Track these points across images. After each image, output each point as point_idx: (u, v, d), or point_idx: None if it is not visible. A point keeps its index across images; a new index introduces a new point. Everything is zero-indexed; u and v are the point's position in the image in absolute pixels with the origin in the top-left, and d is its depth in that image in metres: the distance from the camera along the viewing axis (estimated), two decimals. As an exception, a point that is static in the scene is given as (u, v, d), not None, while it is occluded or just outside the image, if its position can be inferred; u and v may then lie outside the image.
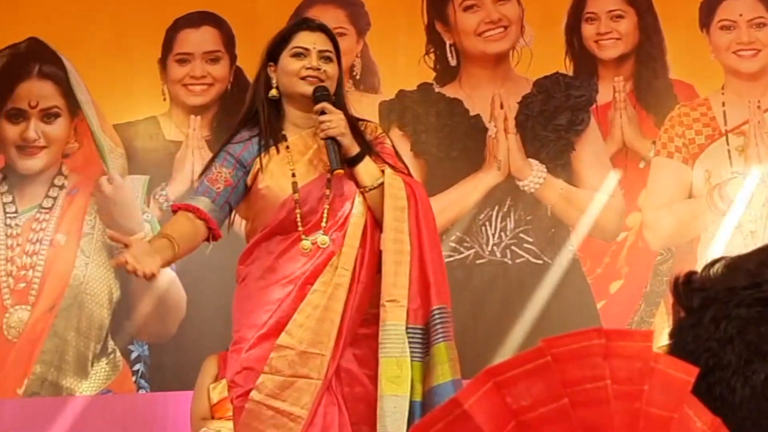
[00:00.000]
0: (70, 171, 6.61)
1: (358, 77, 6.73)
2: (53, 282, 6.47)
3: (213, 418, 5.23)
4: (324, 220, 3.32)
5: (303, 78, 3.39)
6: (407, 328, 3.23)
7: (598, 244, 6.46)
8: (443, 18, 6.75)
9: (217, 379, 5.29)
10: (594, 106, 6.60)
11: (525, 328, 6.28)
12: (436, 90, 6.69)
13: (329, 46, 3.46)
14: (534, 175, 6.53)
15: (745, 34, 6.58)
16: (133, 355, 6.46)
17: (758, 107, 6.53)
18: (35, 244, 6.49)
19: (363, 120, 3.53)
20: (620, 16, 6.69)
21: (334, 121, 3.30)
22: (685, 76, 6.62)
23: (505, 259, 6.47)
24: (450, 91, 6.68)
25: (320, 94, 3.35)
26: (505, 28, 6.70)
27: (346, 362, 3.29)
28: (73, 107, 6.64)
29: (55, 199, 6.55)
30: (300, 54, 3.42)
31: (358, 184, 3.34)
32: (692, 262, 6.36)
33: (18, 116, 6.61)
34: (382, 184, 3.32)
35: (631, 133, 6.58)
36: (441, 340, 3.24)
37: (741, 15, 6.60)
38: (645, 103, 6.62)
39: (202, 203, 3.40)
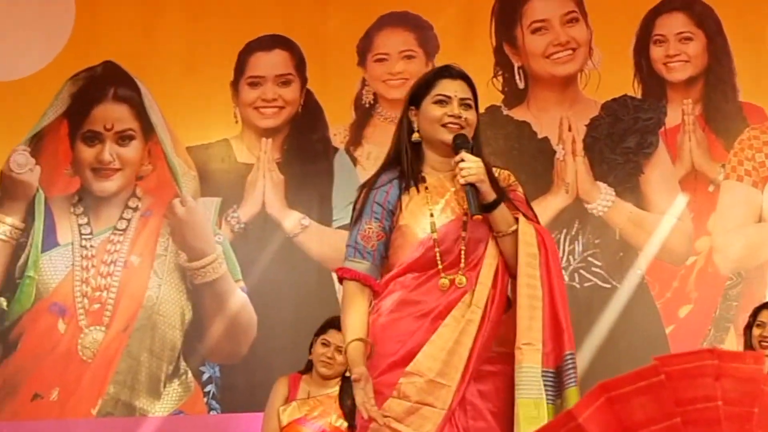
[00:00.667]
0: (143, 193, 6.70)
1: (427, 100, 6.75)
2: (127, 303, 6.56)
3: (283, 439, 5.26)
4: (462, 260, 3.45)
5: (444, 125, 3.50)
6: (542, 371, 3.36)
7: (667, 268, 6.44)
8: (511, 40, 6.77)
9: (287, 400, 5.31)
10: (663, 128, 6.59)
11: (593, 353, 6.27)
12: (504, 113, 6.71)
13: (469, 94, 3.56)
14: (602, 198, 6.53)
15: (816, 55, 6.55)
16: (205, 377, 6.52)
17: (829, 130, 6.50)
18: (110, 265, 6.59)
19: (496, 167, 3.63)
20: (689, 38, 6.68)
21: (474, 168, 3.41)
22: (755, 98, 6.59)
23: (574, 283, 6.47)
24: (518, 113, 6.70)
25: (461, 142, 3.47)
26: (574, 50, 6.71)
27: (471, 396, 3.40)
28: (147, 130, 6.74)
29: (129, 221, 6.65)
30: (442, 101, 3.53)
31: (492, 229, 3.48)
32: (762, 287, 6.33)
33: (93, 139, 6.72)
34: (515, 230, 3.47)
35: (701, 156, 6.56)
36: (573, 384, 3.37)
37: (811, 37, 6.56)
38: (714, 126, 6.60)
39: (365, 268, 3.53)
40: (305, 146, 6.75)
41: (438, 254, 3.45)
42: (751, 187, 6.49)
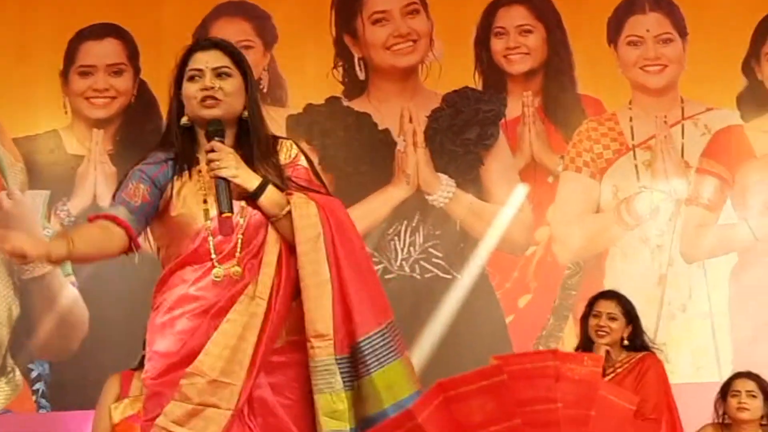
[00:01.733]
0: (-33, 186, 6.49)
1: (265, 91, 6.66)
2: (-51, 299, 6.35)
3: (115, 437, 5.13)
4: (238, 249, 3.19)
5: (201, 101, 3.22)
6: (336, 359, 3.14)
7: (507, 259, 6.45)
8: (352, 31, 6.71)
9: (119, 398, 5.18)
10: (503, 120, 6.60)
11: (434, 343, 6.24)
12: (345, 104, 6.64)
13: (225, 62, 3.25)
14: (443, 190, 6.50)
15: (652, 49, 6.62)
16: (34, 374, 6.33)
17: (665, 122, 6.58)
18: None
19: (280, 138, 3.36)
20: (529, 31, 6.70)
21: (224, 161, 3.15)
22: (593, 91, 6.65)
23: (414, 274, 6.44)
24: (358, 104, 6.64)
25: (212, 129, 3.20)
26: (415, 41, 6.68)
27: (260, 391, 3.18)
28: (-29, 122, 6.52)
29: (-49, 214, 6.41)
30: (194, 76, 3.24)
31: (266, 214, 3.22)
32: (600, 276, 6.39)
33: None
34: (290, 212, 3.19)
35: (540, 147, 6.59)
36: (373, 371, 3.13)
37: (648, 30, 6.64)
38: (553, 118, 6.64)
39: (121, 212, 3.26)
40: (138, 138, 6.56)
41: (211, 245, 3.19)
42: (589, 178, 6.54)
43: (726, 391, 5.32)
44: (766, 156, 6.51)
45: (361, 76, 6.69)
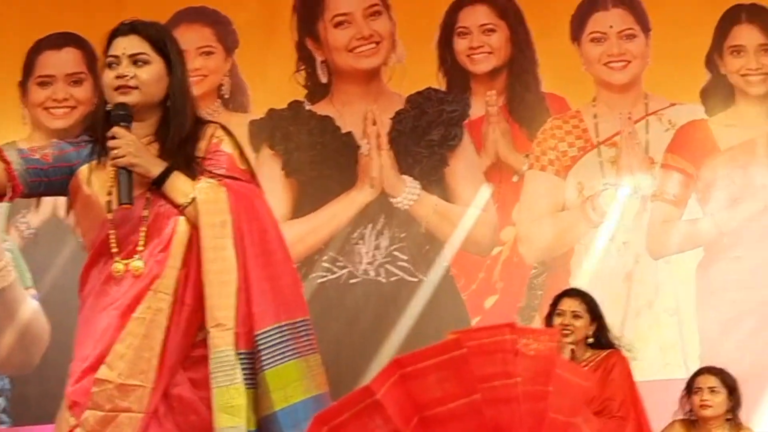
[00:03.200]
0: (-73, 200, 6.40)
1: (227, 96, 6.62)
2: None
3: (78, 450, 5.08)
4: (140, 243, 3.07)
5: (117, 89, 3.10)
6: (238, 353, 3.01)
7: (473, 260, 6.42)
8: (313, 34, 6.67)
9: (81, 410, 5.13)
10: (467, 120, 6.58)
11: (400, 346, 6.20)
12: (307, 108, 6.61)
13: (143, 48, 3.14)
14: (408, 192, 6.47)
15: (616, 45, 6.61)
16: (-6, 390, 6.31)
17: (629, 118, 6.56)
18: None
19: (209, 122, 3.22)
20: (492, 30, 6.68)
21: (123, 148, 3.03)
22: (557, 89, 6.63)
23: (379, 278, 6.40)
24: (321, 108, 6.61)
25: (115, 116, 3.08)
26: (377, 43, 6.65)
27: (179, 388, 3.06)
28: (-72, 133, 6.44)
29: None
30: (112, 63, 3.13)
31: (173, 204, 3.09)
32: (566, 275, 6.37)
33: None
34: (194, 199, 3.06)
35: (505, 147, 6.56)
36: (269, 367, 3.00)
37: (611, 27, 6.62)
38: (518, 117, 6.61)
39: (11, 154, 3.11)
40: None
41: (114, 237, 3.08)
42: (554, 176, 6.51)
43: (690, 387, 5.30)
44: (730, 150, 6.49)
45: (324, 79, 6.65)
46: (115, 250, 3.07)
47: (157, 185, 3.07)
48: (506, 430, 1.99)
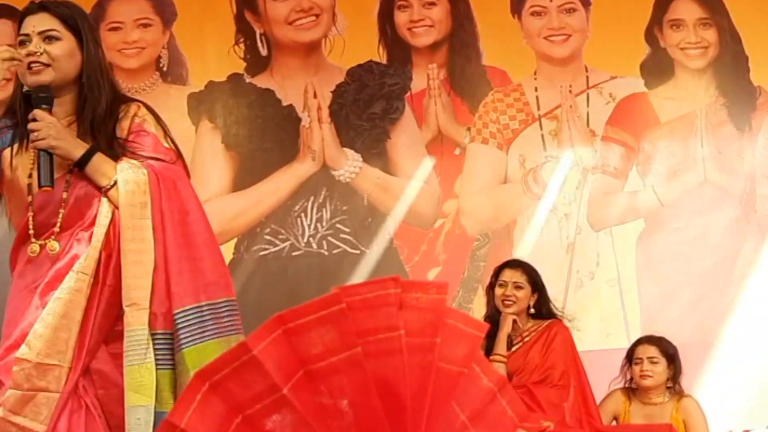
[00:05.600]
0: None
1: (165, 69, 6.54)
2: None
3: None
4: (58, 225, 3.07)
5: (29, 67, 3.05)
6: (153, 333, 3.00)
7: (416, 232, 6.41)
8: (252, 7, 6.61)
9: None
10: (408, 93, 6.55)
11: (343, 320, 6.17)
12: (247, 80, 6.55)
13: (53, 25, 3.10)
14: (349, 165, 6.44)
15: (556, 19, 6.61)
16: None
17: (570, 91, 6.57)
18: None
19: (130, 101, 3.19)
20: (433, 3, 6.66)
21: (43, 131, 2.99)
22: (498, 62, 6.62)
23: (322, 250, 6.37)
24: (261, 81, 6.55)
25: (35, 97, 3.03)
26: (317, 16, 6.60)
27: (100, 363, 3.04)
28: None
29: None
30: (23, 41, 3.09)
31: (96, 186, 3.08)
32: (508, 246, 6.37)
33: None
34: (117, 181, 3.05)
35: (446, 120, 6.55)
36: (187, 345, 2.99)
37: (551, 1, 6.63)
38: (459, 90, 6.60)
39: None
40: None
41: (31, 219, 3.08)
42: (496, 149, 6.51)
43: (631, 357, 5.32)
44: (670, 123, 6.53)
45: (264, 52, 6.59)
46: (31, 232, 3.07)
47: (79, 167, 3.05)
48: (391, 382, 1.97)
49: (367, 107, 6.51)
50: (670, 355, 5.29)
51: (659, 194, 6.43)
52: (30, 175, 3.08)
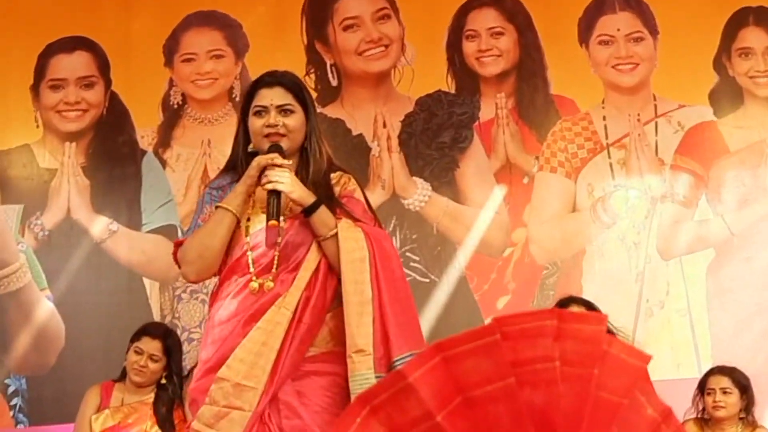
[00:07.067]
0: (-60, 202, 6.44)
1: (237, 99, 6.64)
2: (-75, 317, 6.30)
3: (96, 449, 5.10)
4: (274, 266, 3.43)
5: (266, 136, 3.47)
6: (375, 375, 3.33)
7: (485, 261, 6.44)
8: (323, 38, 6.70)
9: (99, 409, 5.16)
10: (477, 122, 6.59)
11: (413, 348, 6.21)
12: (318, 110, 6.59)
13: (288, 99, 3.51)
14: (419, 194, 6.49)
15: (623, 48, 6.63)
16: (11, 390, 6.29)
17: (638, 120, 6.58)
18: None
19: (341, 170, 3.60)
20: (500, 33, 6.71)
21: (283, 176, 3.38)
22: (566, 91, 6.65)
23: (392, 279, 6.41)
24: (332, 111, 6.63)
25: (273, 147, 3.43)
26: (386, 47, 6.67)
27: (286, 396, 3.38)
28: (-58, 137, 6.47)
29: (-77, 232, 6.36)
30: (260, 112, 3.49)
31: (314, 233, 3.44)
32: (577, 276, 6.38)
33: None
34: (335, 234, 3.41)
35: (514, 149, 6.58)
36: None
37: (619, 30, 6.65)
38: (527, 119, 6.63)
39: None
40: (111, 149, 6.56)
41: (250, 258, 3.44)
42: (564, 177, 6.53)
43: (703, 387, 5.32)
44: (739, 151, 6.52)
45: (334, 82, 6.67)
46: (252, 270, 3.43)
47: (306, 213, 3.42)
48: (546, 412, 2.01)
49: (436, 136, 6.56)
50: (743, 385, 5.28)
51: (729, 223, 6.42)
52: (248, 219, 3.46)
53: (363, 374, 3.30)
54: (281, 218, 3.40)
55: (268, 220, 3.37)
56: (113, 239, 6.46)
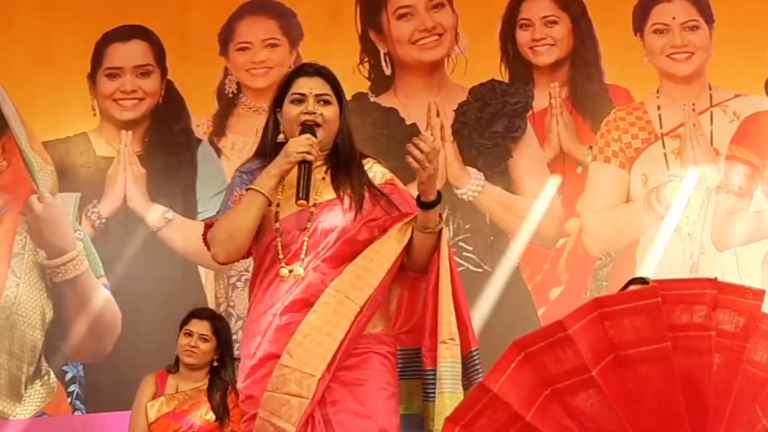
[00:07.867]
0: (-2, 190, 6.51)
1: (291, 88, 6.66)
2: (-17, 304, 6.37)
3: (151, 436, 5.17)
4: (303, 252, 3.42)
5: (302, 123, 3.47)
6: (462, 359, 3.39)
7: (538, 251, 6.43)
8: (377, 27, 6.70)
9: (155, 396, 5.22)
10: (530, 112, 6.58)
11: (466, 337, 6.22)
12: (372, 99, 6.64)
13: (327, 90, 3.53)
14: (472, 183, 6.49)
15: (679, 37, 6.59)
16: (68, 376, 6.35)
17: (693, 110, 6.54)
18: (-36, 266, 6.39)
19: (367, 156, 3.65)
20: (554, 22, 6.68)
21: (435, 163, 3.49)
22: (620, 80, 6.62)
23: (445, 268, 6.42)
24: (385, 100, 6.64)
25: (303, 130, 3.45)
26: (440, 35, 6.67)
27: (332, 382, 3.38)
28: (0, 125, 6.52)
29: (-17, 219, 6.45)
30: (298, 100, 3.50)
31: (420, 224, 3.44)
32: (631, 267, 6.35)
33: (-56, 135, 6.51)
34: (440, 230, 3.45)
35: (568, 138, 6.56)
36: (479, 378, 3.36)
37: (674, 18, 6.60)
38: (581, 108, 6.60)
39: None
40: (167, 138, 6.61)
41: (280, 244, 3.44)
42: (618, 168, 6.51)
43: None
44: (796, 142, 6.47)
45: (388, 71, 6.68)
46: (281, 256, 3.43)
47: (428, 206, 3.45)
48: (696, 379, 2.03)
49: (489, 126, 6.55)
50: None
51: (785, 214, 6.38)
52: (278, 205, 3.45)
53: (453, 361, 3.34)
54: (311, 202, 3.40)
55: (297, 194, 3.36)
56: (169, 227, 6.52)
